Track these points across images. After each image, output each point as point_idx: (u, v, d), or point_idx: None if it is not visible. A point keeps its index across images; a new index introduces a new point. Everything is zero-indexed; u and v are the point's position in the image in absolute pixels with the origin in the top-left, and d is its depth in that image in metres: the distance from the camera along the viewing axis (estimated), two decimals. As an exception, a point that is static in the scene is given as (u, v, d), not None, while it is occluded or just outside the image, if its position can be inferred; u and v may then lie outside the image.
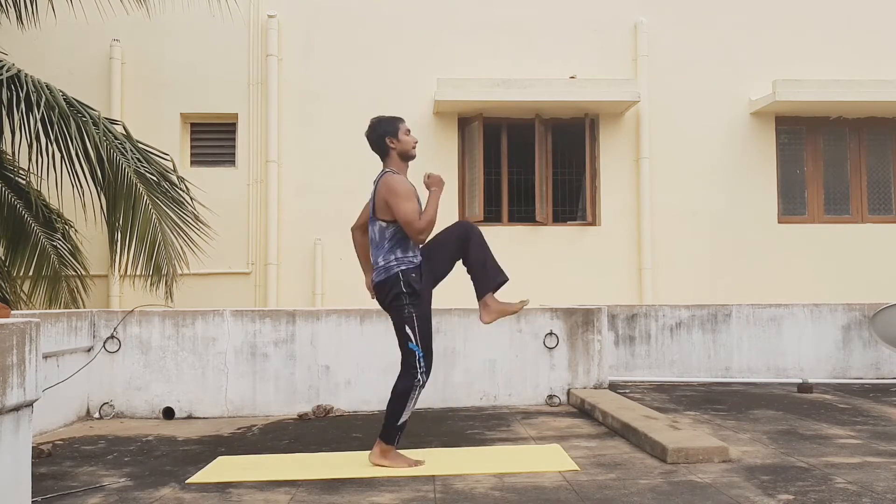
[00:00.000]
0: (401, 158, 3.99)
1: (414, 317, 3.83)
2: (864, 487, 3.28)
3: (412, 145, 4.01)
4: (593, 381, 5.89)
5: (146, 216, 6.15)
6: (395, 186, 3.84)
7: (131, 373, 5.55)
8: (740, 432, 4.60)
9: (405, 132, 4.00)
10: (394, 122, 4.00)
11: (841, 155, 9.12)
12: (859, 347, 7.25)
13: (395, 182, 3.86)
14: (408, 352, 3.83)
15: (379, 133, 3.99)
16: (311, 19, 8.67)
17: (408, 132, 4.02)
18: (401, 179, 3.90)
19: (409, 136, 4.02)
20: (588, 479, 3.52)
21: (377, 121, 4.03)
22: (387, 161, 4.01)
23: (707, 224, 8.74)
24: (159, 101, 8.49)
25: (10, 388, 2.28)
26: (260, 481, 3.59)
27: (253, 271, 8.46)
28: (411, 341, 3.82)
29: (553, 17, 8.79)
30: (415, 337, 3.82)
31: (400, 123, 4.00)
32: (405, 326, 3.83)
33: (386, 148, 3.98)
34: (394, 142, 3.96)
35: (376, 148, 4.03)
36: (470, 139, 8.68)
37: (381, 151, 4.02)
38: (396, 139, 3.97)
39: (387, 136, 3.97)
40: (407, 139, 3.99)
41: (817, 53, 8.85)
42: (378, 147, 4.02)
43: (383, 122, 4.01)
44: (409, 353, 3.82)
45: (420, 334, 3.83)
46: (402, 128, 4.00)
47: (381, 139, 3.98)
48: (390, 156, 3.99)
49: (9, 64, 5.82)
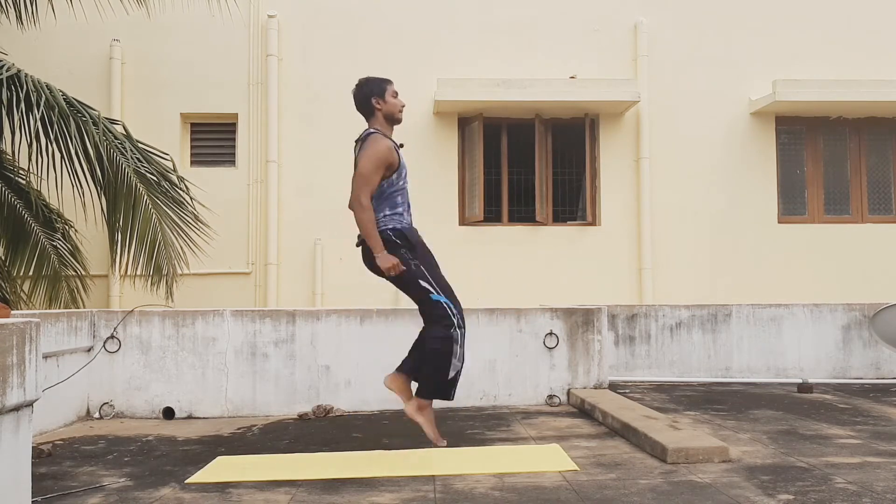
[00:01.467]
0: (386, 120, 3.94)
1: (422, 268, 3.67)
2: (864, 487, 3.28)
3: (399, 108, 3.96)
4: (593, 381, 5.88)
5: (146, 216, 6.15)
6: (370, 144, 3.78)
7: (131, 373, 5.55)
8: (740, 432, 4.60)
9: (392, 94, 3.94)
10: (381, 83, 3.95)
11: (841, 155, 9.12)
12: (859, 347, 7.24)
13: (374, 141, 3.79)
14: (433, 304, 3.62)
15: (365, 93, 3.93)
16: (310, 19, 8.67)
17: (395, 94, 3.96)
18: (383, 143, 3.80)
19: (397, 98, 3.96)
20: (588, 479, 3.52)
21: (364, 81, 3.98)
22: (371, 121, 3.94)
23: (707, 224, 8.74)
24: (159, 101, 8.49)
25: (10, 388, 2.28)
26: (260, 481, 3.59)
27: (253, 271, 8.47)
28: (431, 293, 3.63)
29: (553, 17, 8.79)
30: (433, 286, 3.63)
31: (388, 85, 3.95)
32: (418, 281, 3.65)
33: (371, 108, 3.93)
34: (380, 102, 3.91)
35: (361, 107, 3.97)
36: (470, 139, 8.68)
37: (365, 111, 3.96)
38: (383, 100, 3.91)
39: (373, 97, 3.92)
40: (394, 101, 3.94)
41: (817, 53, 8.86)
42: (363, 107, 3.96)
43: (370, 81, 3.96)
44: (436, 305, 3.62)
45: (436, 282, 3.65)
46: (390, 90, 3.95)
47: (367, 99, 3.93)
48: (375, 116, 3.93)
49: (9, 64, 5.82)
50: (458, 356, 3.64)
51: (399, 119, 3.99)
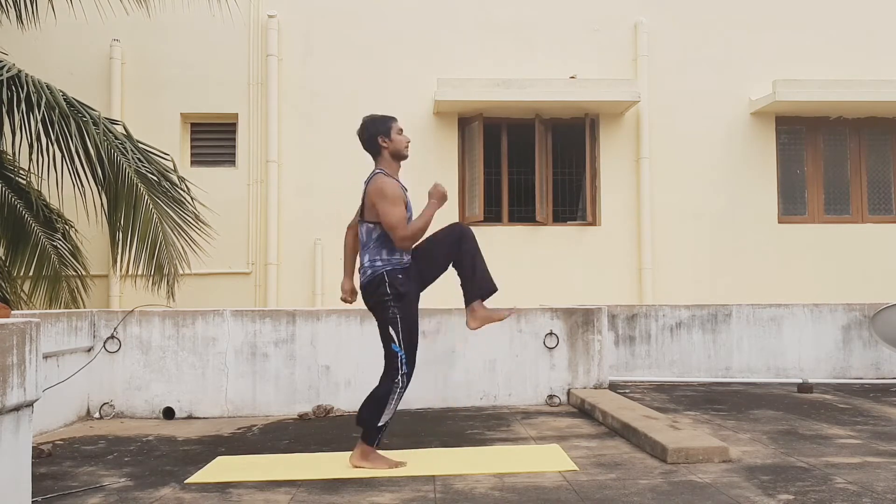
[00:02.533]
0: (393, 158, 3.95)
1: (398, 318, 3.77)
2: (864, 487, 3.28)
3: (404, 145, 3.96)
4: (593, 381, 5.89)
5: (147, 216, 6.15)
6: (383, 188, 3.79)
7: (131, 373, 5.55)
8: (740, 432, 4.60)
9: (397, 132, 3.95)
10: (386, 121, 3.95)
11: (841, 155, 9.12)
12: (859, 347, 7.24)
13: (383, 184, 3.81)
14: (391, 353, 3.78)
15: (371, 132, 3.94)
16: (310, 19, 8.67)
17: (400, 131, 3.96)
18: (390, 183, 3.83)
19: (402, 135, 3.96)
20: (588, 479, 3.52)
21: (370, 120, 3.98)
22: (378, 161, 3.95)
23: (707, 224, 8.74)
24: (159, 101, 8.49)
25: (11, 388, 2.28)
26: (260, 481, 3.59)
27: (253, 271, 8.46)
28: (394, 342, 3.77)
29: (553, 17, 8.79)
30: (398, 338, 3.76)
31: (392, 123, 3.95)
32: (388, 327, 3.78)
33: (378, 147, 3.93)
34: (386, 141, 3.92)
35: (368, 147, 3.98)
36: (470, 139, 8.68)
37: (372, 151, 3.97)
38: (388, 139, 3.92)
39: (379, 136, 3.92)
40: (399, 139, 3.94)
41: (817, 53, 8.85)
42: (370, 146, 3.97)
43: (375, 121, 3.96)
44: (392, 354, 3.78)
45: (403, 336, 3.77)
46: (395, 127, 3.95)
47: (374, 139, 3.93)
48: (382, 155, 3.94)
49: (9, 64, 5.82)
50: (391, 408, 3.77)
51: (405, 155, 4.00)
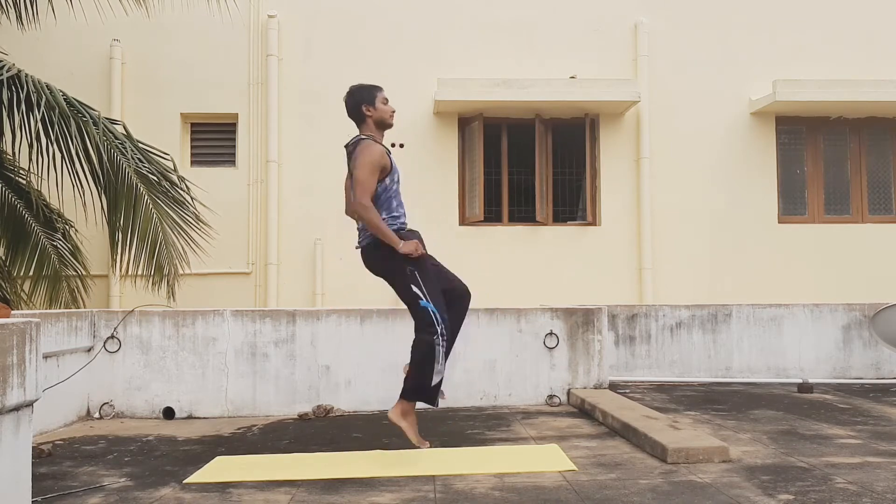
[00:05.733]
0: (377, 127, 4.06)
1: (416, 273, 3.75)
2: (865, 487, 3.28)
3: (389, 114, 4.08)
4: (593, 381, 5.89)
5: (147, 216, 6.15)
6: (363, 151, 3.88)
7: (131, 373, 5.55)
8: (740, 432, 4.60)
9: (382, 101, 4.06)
10: (371, 90, 4.07)
11: (841, 155, 9.12)
12: (859, 347, 7.24)
13: (366, 147, 3.90)
14: (420, 311, 3.71)
15: (356, 100, 4.05)
16: (311, 19, 8.67)
17: (385, 101, 4.08)
18: (377, 149, 3.92)
19: (387, 104, 4.08)
20: (588, 479, 3.52)
21: (356, 88, 4.10)
22: (362, 128, 4.07)
23: (707, 224, 8.74)
24: (159, 101, 8.49)
25: (10, 388, 2.28)
26: (260, 481, 3.59)
27: (253, 271, 8.47)
28: (421, 299, 3.71)
29: (553, 17, 8.79)
30: (423, 293, 3.71)
31: (378, 92, 4.07)
32: (410, 286, 3.73)
33: (362, 115, 4.05)
34: (370, 109, 4.03)
35: (353, 114, 4.09)
36: (470, 139, 8.69)
37: (357, 118, 4.08)
38: (373, 107, 4.03)
39: (363, 104, 4.03)
40: (384, 108, 4.05)
41: (817, 53, 8.86)
42: (354, 114, 4.08)
43: (362, 89, 4.08)
44: (423, 311, 3.70)
45: (427, 289, 3.73)
46: (380, 96, 4.07)
47: (358, 106, 4.05)
48: (366, 123, 4.06)
49: (9, 64, 5.82)
50: (441, 363, 3.72)
51: (390, 124, 4.11)
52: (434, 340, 3.70)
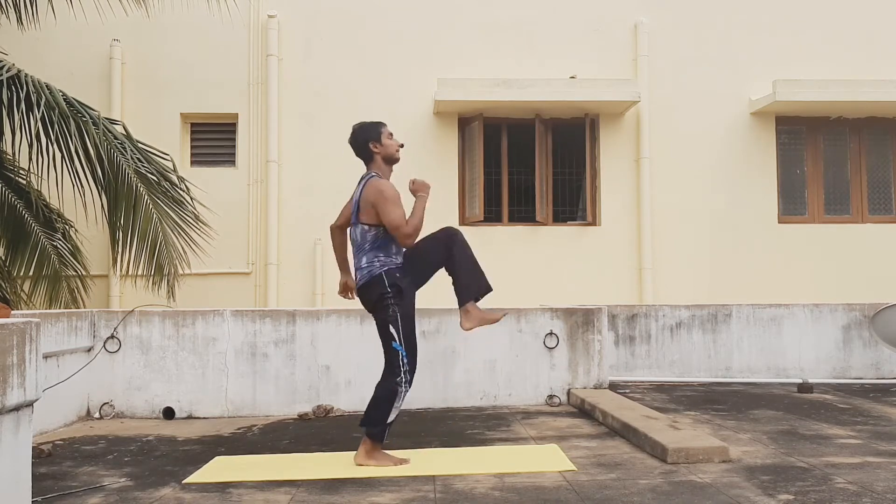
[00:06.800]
0: (385, 162, 4.06)
1: (398, 316, 3.84)
2: (865, 487, 3.28)
3: (395, 149, 4.07)
4: (593, 381, 5.89)
5: (147, 216, 6.15)
6: (383, 190, 3.88)
7: (131, 373, 5.55)
8: (740, 432, 4.60)
9: (388, 136, 4.06)
10: (376, 126, 4.07)
11: (841, 155, 9.12)
12: (859, 347, 7.24)
13: (383, 186, 3.90)
14: (392, 352, 3.85)
15: (362, 139, 4.05)
16: (311, 19, 8.67)
17: (390, 136, 4.08)
18: (388, 184, 3.95)
19: (392, 139, 4.08)
20: (588, 479, 3.52)
21: (359, 127, 4.10)
22: (371, 165, 4.06)
23: (707, 224, 8.74)
24: (159, 101, 8.49)
25: (11, 388, 2.28)
26: (260, 481, 3.59)
27: (253, 271, 8.46)
28: (395, 341, 3.83)
29: (553, 17, 8.79)
30: (398, 336, 3.83)
31: (382, 128, 4.07)
32: (389, 326, 3.85)
33: (370, 153, 4.04)
34: (377, 146, 4.03)
35: (360, 153, 4.09)
36: (470, 139, 8.68)
37: (364, 157, 4.08)
38: (380, 143, 4.03)
39: (370, 142, 4.03)
40: (390, 143, 4.06)
41: (817, 53, 8.85)
42: (362, 153, 4.08)
43: (365, 128, 4.08)
44: (393, 353, 3.84)
45: (404, 334, 3.84)
46: (385, 132, 4.07)
47: (365, 145, 4.05)
48: (374, 160, 4.05)
49: (9, 64, 5.82)
50: (400, 402, 3.86)
51: (397, 159, 4.10)
52: (398, 382, 3.82)
